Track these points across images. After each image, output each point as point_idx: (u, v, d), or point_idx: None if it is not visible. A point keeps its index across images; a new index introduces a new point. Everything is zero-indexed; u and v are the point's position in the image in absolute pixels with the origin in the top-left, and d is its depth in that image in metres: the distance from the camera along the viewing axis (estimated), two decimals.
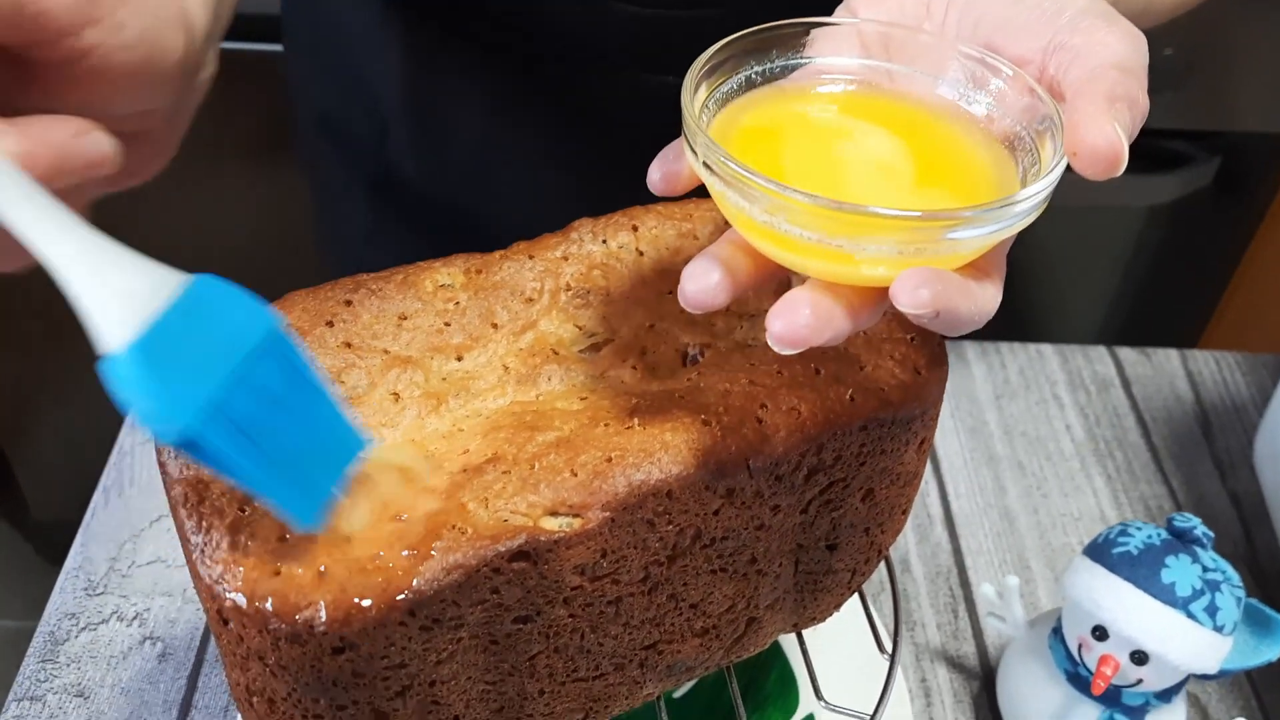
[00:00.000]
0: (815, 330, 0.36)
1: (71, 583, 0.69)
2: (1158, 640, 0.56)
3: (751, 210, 0.36)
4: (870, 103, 0.43)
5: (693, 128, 0.38)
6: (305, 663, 0.39)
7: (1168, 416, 0.86)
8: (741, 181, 0.36)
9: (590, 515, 0.42)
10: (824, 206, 0.35)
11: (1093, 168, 0.36)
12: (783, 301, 0.36)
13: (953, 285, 0.35)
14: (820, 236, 0.36)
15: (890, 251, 0.35)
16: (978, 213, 0.35)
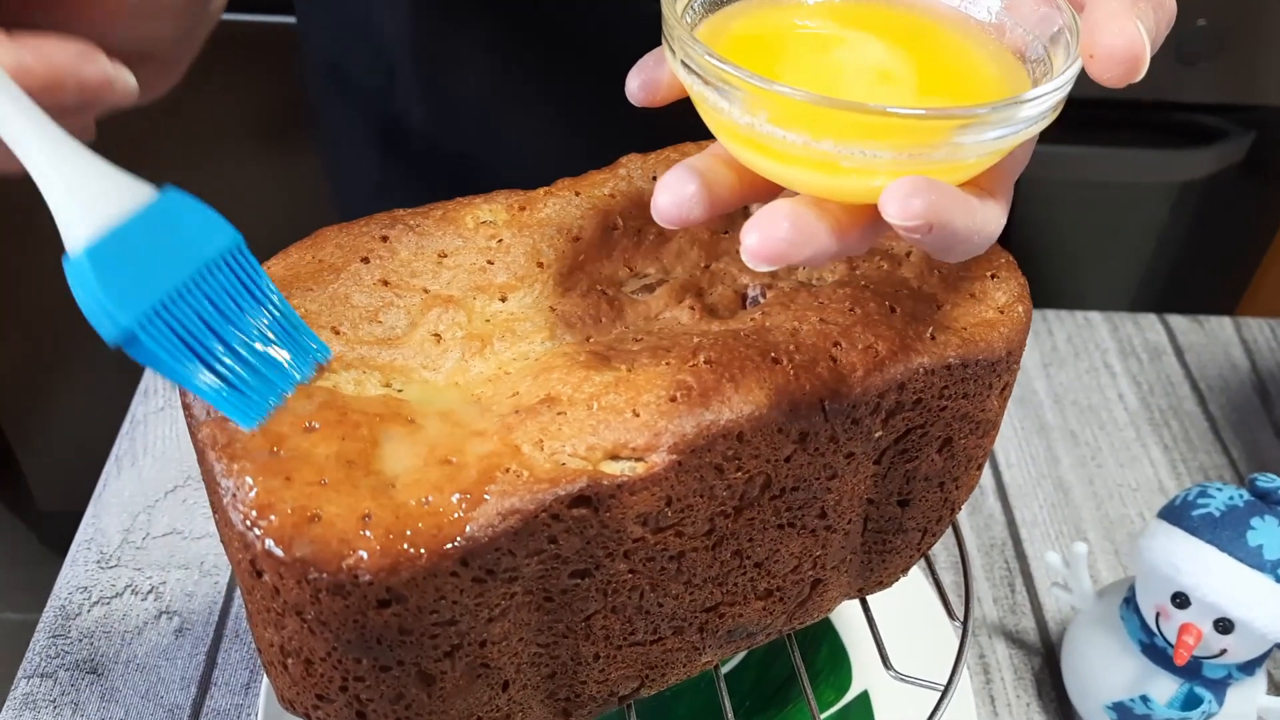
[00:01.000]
0: (794, 245, 0.32)
1: (83, 555, 0.66)
2: (1245, 606, 0.52)
3: (731, 111, 0.33)
4: (869, 10, 0.40)
5: (671, 23, 0.34)
6: (348, 617, 0.35)
7: (1224, 385, 0.82)
8: (719, 77, 0.32)
9: (655, 458, 0.38)
10: (808, 101, 0.31)
11: (1110, 70, 0.32)
12: (761, 213, 0.32)
13: (949, 196, 0.32)
14: (805, 139, 0.32)
15: (884, 158, 0.32)
16: (979, 111, 0.31)
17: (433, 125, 0.74)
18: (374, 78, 0.74)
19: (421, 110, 0.74)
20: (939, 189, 0.31)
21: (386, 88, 0.74)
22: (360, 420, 0.38)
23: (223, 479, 0.36)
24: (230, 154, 1.25)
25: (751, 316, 0.44)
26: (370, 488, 0.36)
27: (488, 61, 0.71)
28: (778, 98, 0.31)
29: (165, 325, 0.33)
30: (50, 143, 0.33)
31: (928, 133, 0.31)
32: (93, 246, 0.33)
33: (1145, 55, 0.33)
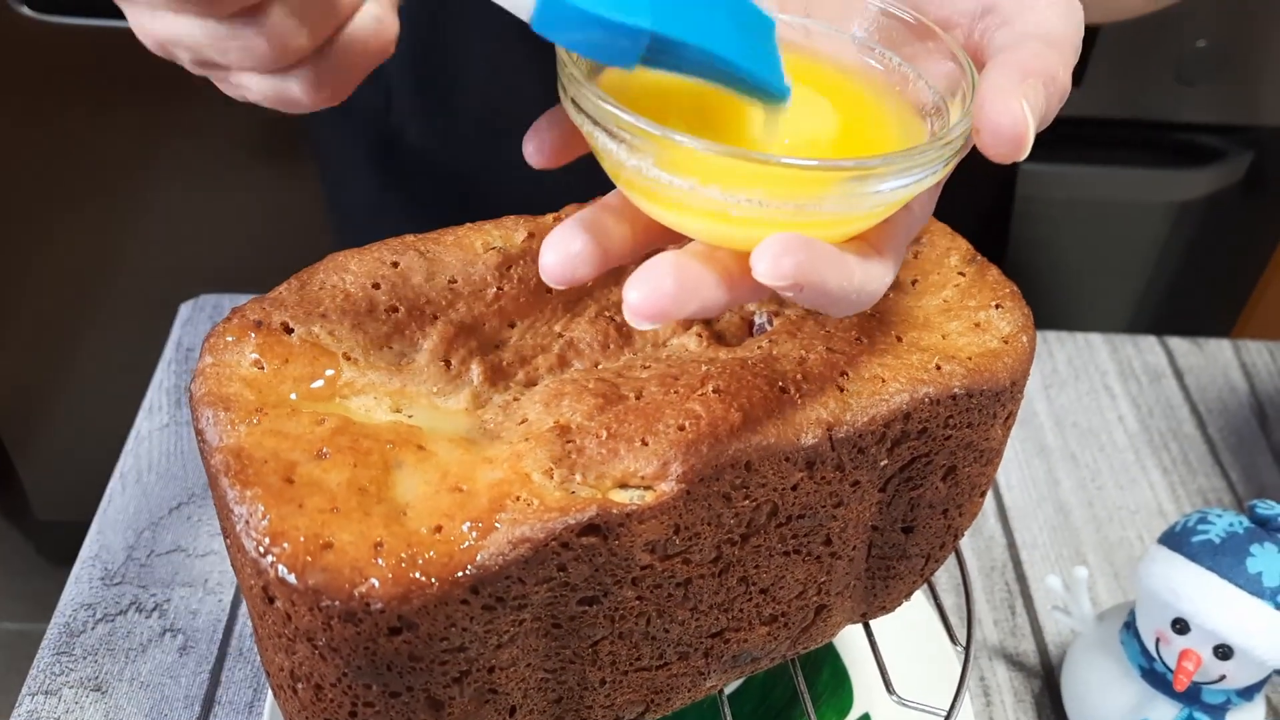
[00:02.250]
0: (678, 301, 0.31)
1: (87, 572, 0.66)
2: (1244, 633, 0.53)
3: (619, 153, 0.32)
4: None
5: (565, 63, 0.34)
6: (359, 644, 0.35)
7: (1223, 408, 0.83)
8: (607, 119, 0.32)
9: (664, 487, 0.38)
10: (692, 147, 0.31)
11: (995, 148, 0.33)
12: (644, 267, 0.32)
13: (823, 257, 0.31)
14: (693, 184, 0.31)
15: (771, 207, 0.31)
16: (869, 164, 0.31)
17: (430, 146, 0.75)
18: (371, 98, 0.75)
19: (419, 131, 0.74)
20: (812, 248, 0.31)
21: (383, 108, 0.75)
22: (372, 447, 0.39)
23: (235, 505, 0.37)
24: (227, 169, 1.25)
25: (759, 344, 0.44)
26: (382, 515, 0.36)
27: (486, 82, 0.71)
28: (663, 141, 0.31)
29: None
30: None
31: (816, 184, 0.31)
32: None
33: (1028, 135, 0.32)
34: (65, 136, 1.23)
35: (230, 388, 0.40)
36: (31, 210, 1.28)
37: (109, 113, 1.21)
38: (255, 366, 0.41)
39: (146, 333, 1.00)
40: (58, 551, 1.64)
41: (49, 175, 1.25)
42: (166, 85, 1.19)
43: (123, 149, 1.24)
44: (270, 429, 0.39)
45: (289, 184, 1.25)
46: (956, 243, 0.49)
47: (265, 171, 1.26)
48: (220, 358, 0.41)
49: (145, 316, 1.13)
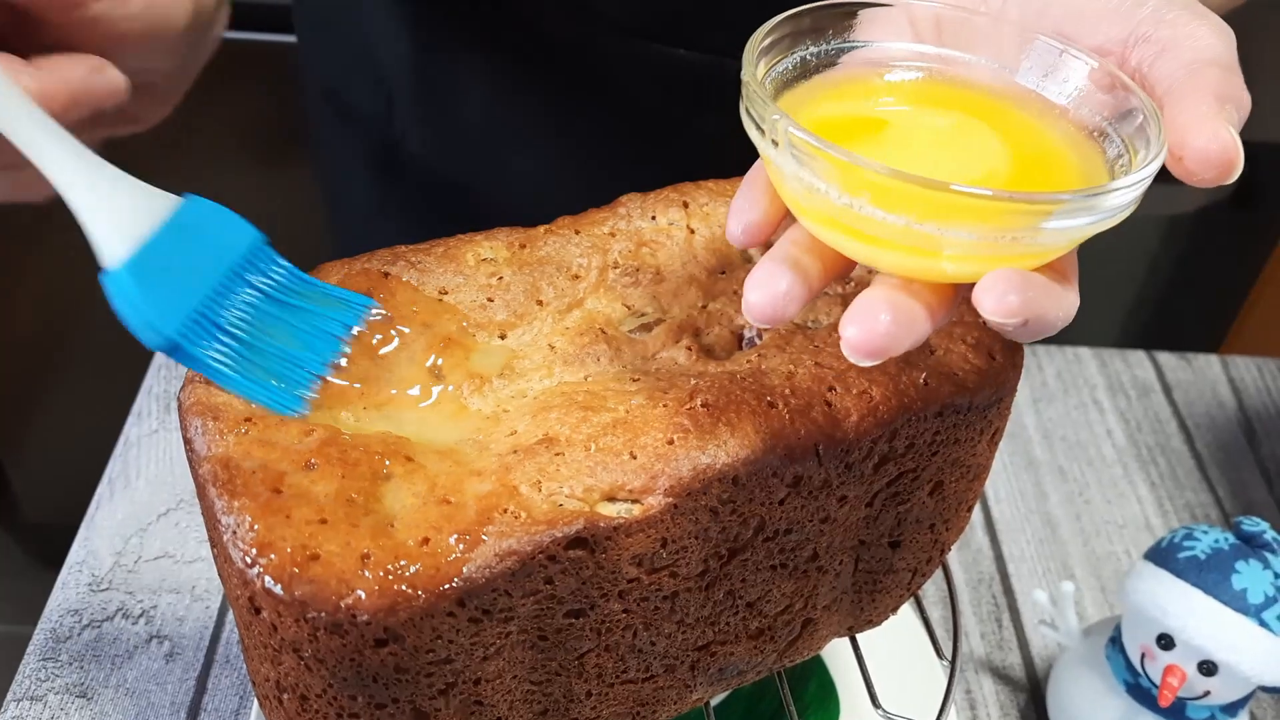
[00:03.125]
0: (895, 338, 0.32)
1: (75, 578, 0.66)
2: (1229, 650, 0.53)
3: (828, 192, 0.32)
4: (946, 89, 0.40)
5: (759, 98, 0.34)
6: (345, 655, 0.36)
7: (1210, 423, 0.83)
8: (819, 157, 0.32)
9: (651, 501, 0.38)
10: (917, 184, 0.31)
11: (1205, 172, 0.33)
12: (858, 304, 0.32)
13: (1041, 289, 0.32)
14: (908, 221, 0.31)
15: (980, 240, 0.31)
16: (1080, 198, 0.31)
17: (431, 153, 0.75)
18: (373, 104, 0.75)
19: (420, 138, 0.74)
20: (1032, 283, 0.32)
21: (385, 114, 0.75)
22: (360, 458, 0.39)
23: (223, 516, 0.37)
24: (225, 171, 1.25)
25: (748, 359, 0.45)
26: (369, 527, 0.36)
27: (488, 91, 0.71)
28: (884, 181, 0.31)
29: (202, 330, 0.36)
30: (81, 164, 0.35)
31: (1026, 216, 0.31)
32: (131, 260, 0.34)
33: (1239, 158, 0.33)
34: None
35: (219, 397, 0.40)
36: (22, 212, 1.28)
37: None
38: None
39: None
40: (46, 554, 1.63)
41: None
42: None
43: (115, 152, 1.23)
44: (259, 439, 0.39)
45: (283, 188, 1.25)
46: None
47: (259, 175, 1.26)
48: None
49: None
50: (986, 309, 0.31)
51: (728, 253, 0.50)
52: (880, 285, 0.33)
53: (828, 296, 0.48)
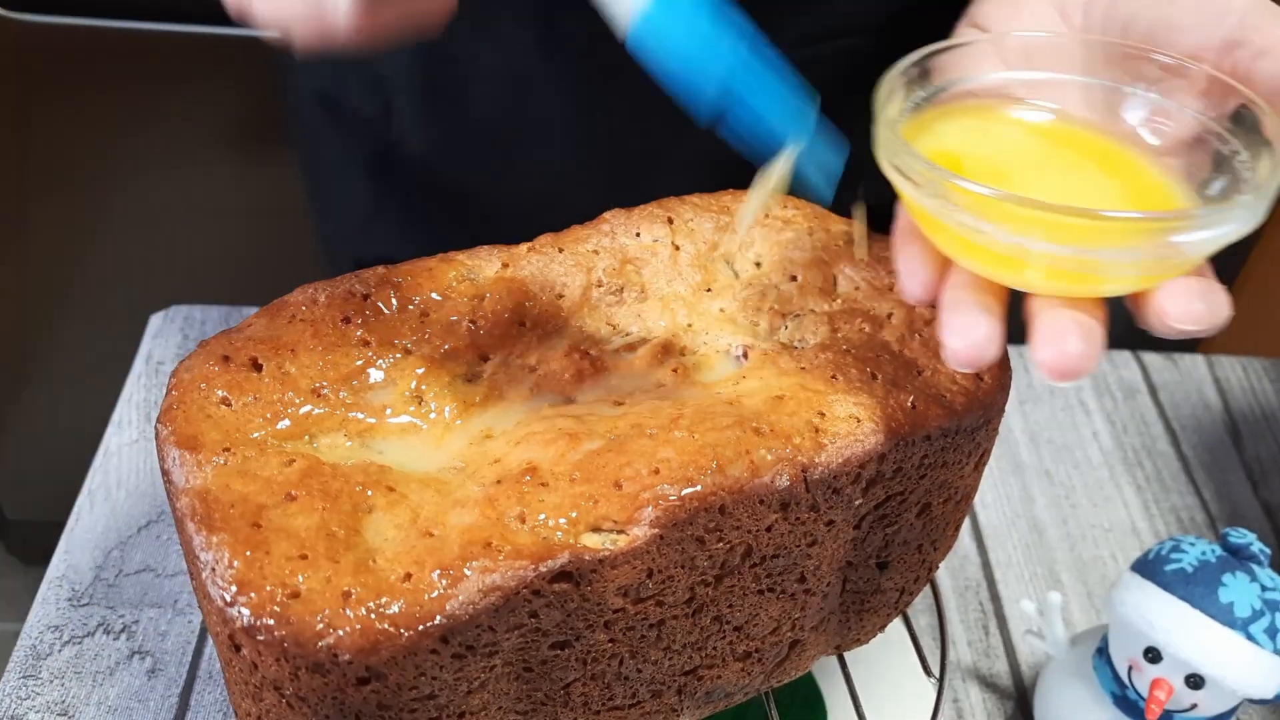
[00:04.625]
0: (1086, 358, 0.34)
1: (55, 592, 0.65)
2: (1217, 664, 0.53)
3: (997, 233, 0.34)
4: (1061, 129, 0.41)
5: (911, 155, 0.35)
6: (326, 694, 0.35)
7: (1196, 424, 0.83)
8: (985, 204, 0.33)
9: (637, 531, 0.38)
10: (1087, 216, 0.33)
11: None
12: (1047, 328, 0.34)
13: (1216, 294, 0.34)
14: (1078, 250, 0.33)
15: (1138, 258, 0.34)
16: (1220, 210, 0.33)
17: (431, 155, 0.73)
18: (369, 107, 0.73)
19: (420, 141, 0.73)
20: (1209, 289, 0.34)
21: (382, 118, 0.73)
22: (341, 489, 0.38)
23: (202, 552, 0.36)
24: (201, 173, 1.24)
25: (734, 381, 0.44)
26: (351, 563, 0.36)
27: (497, 92, 0.69)
28: (1056, 219, 0.33)
29: None
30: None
31: (1181, 231, 0.33)
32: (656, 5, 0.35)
33: None
34: (34, 137, 1.21)
35: (197, 426, 0.40)
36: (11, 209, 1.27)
37: (79, 114, 1.19)
38: (223, 404, 0.41)
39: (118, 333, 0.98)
40: (27, 551, 1.62)
41: (18, 177, 1.24)
42: (138, 86, 1.18)
43: (93, 151, 1.22)
44: (238, 470, 0.39)
45: (265, 189, 1.24)
46: None
47: (240, 176, 1.24)
48: (187, 395, 0.41)
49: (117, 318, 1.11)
50: (1174, 318, 0.34)
51: (713, 270, 0.49)
52: (1054, 306, 0.35)
53: (814, 315, 0.47)
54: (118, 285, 1.31)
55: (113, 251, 1.29)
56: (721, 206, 0.51)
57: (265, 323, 0.43)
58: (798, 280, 0.48)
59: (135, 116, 1.20)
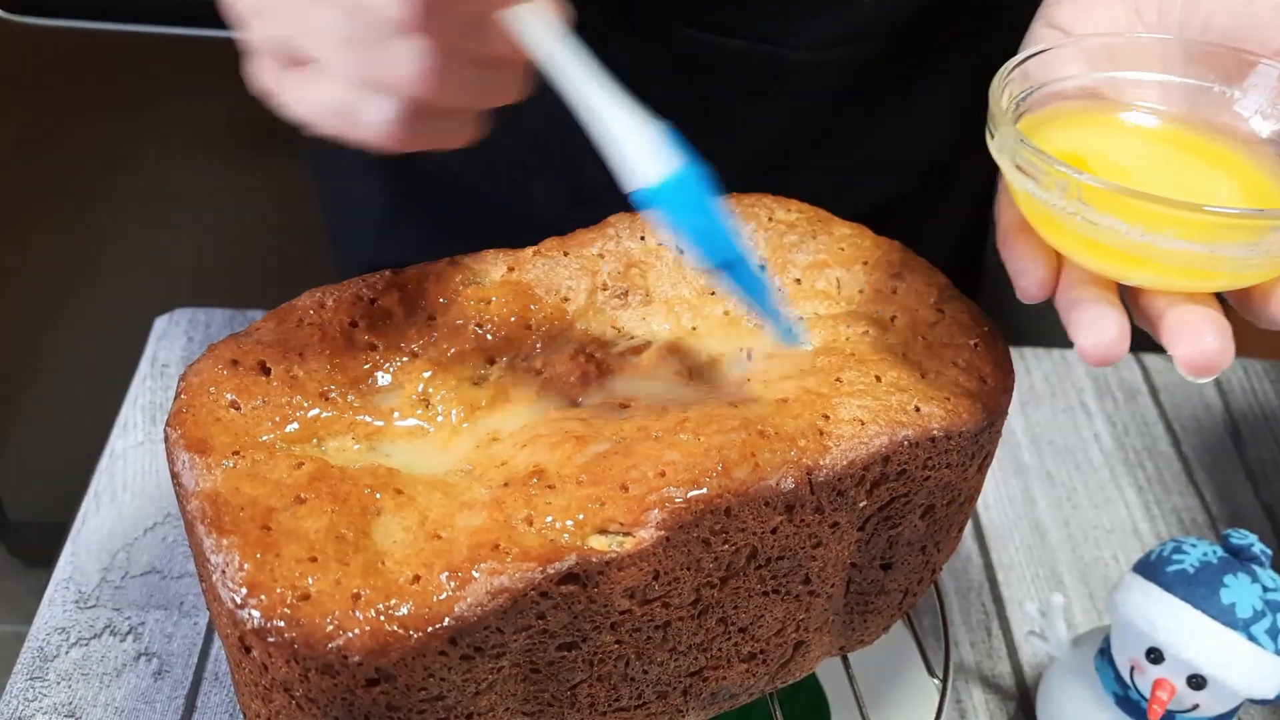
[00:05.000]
0: (1225, 354, 0.35)
1: (61, 594, 0.66)
2: (1218, 664, 0.53)
3: (1130, 231, 0.34)
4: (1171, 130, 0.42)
5: (1038, 156, 0.36)
6: (336, 695, 0.35)
7: (1197, 426, 0.83)
8: (1119, 202, 0.34)
9: (643, 534, 0.38)
10: (1225, 215, 0.34)
11: None
12: (1183, 326, 0.35)
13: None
14: (1209, 247, 0.34)
15: (1259, 254, 0.34)
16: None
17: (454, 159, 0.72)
18: None
19: None
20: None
21: None
22: (350, 492, 0.39)
23: (212, 555, 0.36)
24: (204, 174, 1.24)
25: (740, 384, 0.44)
26: (360, 564, 0.36)
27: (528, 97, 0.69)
28: (1191, 216, 0.34)
29: None
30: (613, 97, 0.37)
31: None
32: (670, 181, 0.36)
33: None
34: (38, 140, 1.21)
35: (206, 430, 0.40)
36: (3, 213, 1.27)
37: (82, 116, 1.20)
38: (232, 408, 0.41)
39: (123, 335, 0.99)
40: (30, 552, 1.62)
41: (22, 179, 1.24)
42: (141, 88, 1.18)
43: (97, 154, 1.22)
44: (247, 473, 0.39)
45: (268, 192, 1.24)
46: (935, 278, 0.49)
47: (243, 179, 1.24)
48: (196, 398, 0.41)
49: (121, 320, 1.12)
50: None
51: None
52: (1181, 303, 0.35)
53: (818, 318, 0.48)
54: (122, 288, 1.31)
55: (117, 254, 1.30)
56: None
57: (273, 326, 0.44)
58: (801, 283, 0.49)
59: (140, 119, 1.20)
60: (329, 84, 0.37)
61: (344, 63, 0.36)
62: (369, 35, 0.35)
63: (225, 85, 1.17)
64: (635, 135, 0.36)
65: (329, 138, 0.38)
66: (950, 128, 0.73)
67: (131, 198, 1.26)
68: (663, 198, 0.37)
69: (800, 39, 0.52)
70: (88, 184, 1.24)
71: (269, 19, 0.37)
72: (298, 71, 0.37)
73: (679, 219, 0.37)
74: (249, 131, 1.22)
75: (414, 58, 0.35)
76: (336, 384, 0.43)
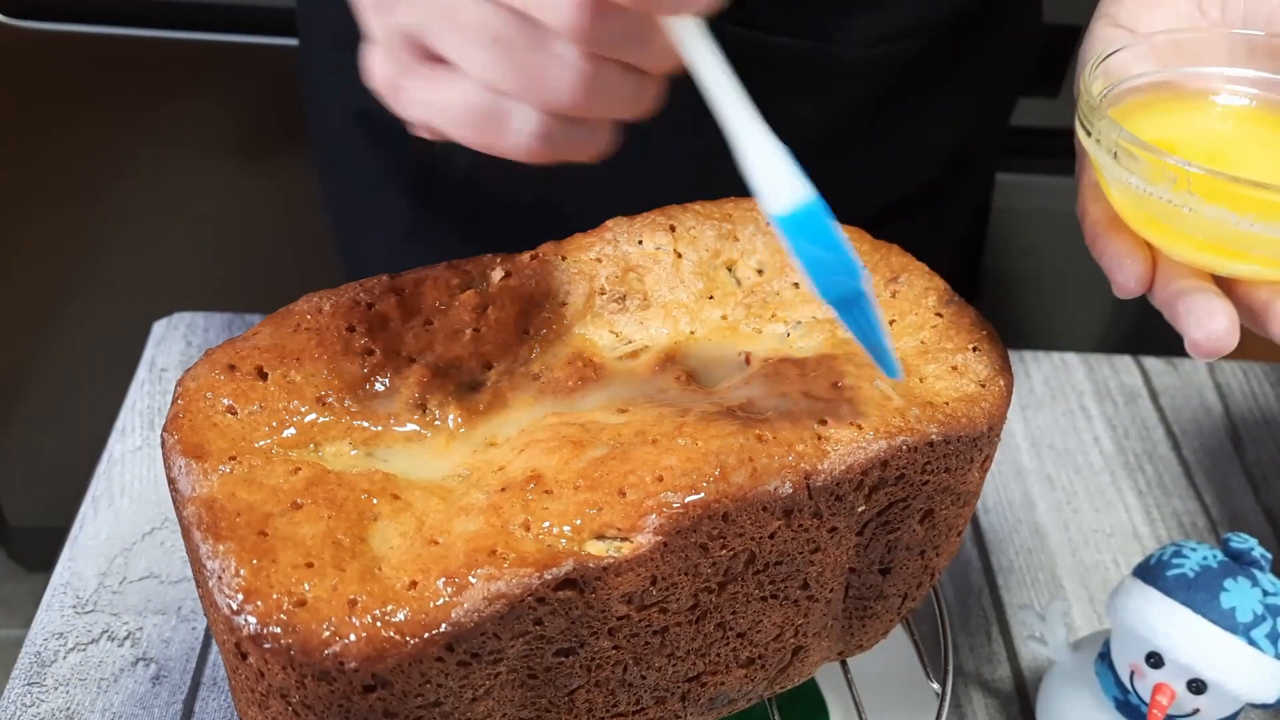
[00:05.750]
0: (1233, 335, 0.35)
1: (59, 599, 0.66)
2: (1218, 669, 0.53)
3: (1239, 222, 0.35)
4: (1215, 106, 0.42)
5: (1144, 148, 0.36)
6: (333, 702, 0.35)
7: (1197, 429, 0.83)
8: (1228, 193, 0.34)
9: (641, 539, 0.38)
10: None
11: None
12: (1195, 309, 0.35)
13: None
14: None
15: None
16: None
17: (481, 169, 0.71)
18: None
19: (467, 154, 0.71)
20: None
21: None
22: (347, 497, 0.39)
23: (208, 560, 0.36)
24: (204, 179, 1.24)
25: (737, 388, 0.44)
26: (357, 570, 0.36)
27: None
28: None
29: None
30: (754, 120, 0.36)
31: None
32: (801, 211, 0.36)
33: None
34: (37, 145, 1.21)
35: (203, 435, 0.40)
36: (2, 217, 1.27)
37: (81, 121, 1.20)
38: (228, 413, 0.41)
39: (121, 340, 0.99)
40: (30, 557, 1.62)
41: (21, 184, 1.24)
42: (142, 93, 1.18)
43: (96, 158, 1.22)
44: (244, 478, 0.39)
45: (267, 196, 1.24)
46: (934, 282, 0.49)
47: (243, 183, 1.24)
48: (192, 404, 0.41)
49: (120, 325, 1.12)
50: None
51: (716, 277, 0.49)
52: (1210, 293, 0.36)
53: (816, 322, 0.48)
54: (120, 292, 1.31)
55: (115, 258, 1.30)
56: (724, 214, 0.51)
57: (270, 331, 0.44)
58: (799, 287, 0.48)
59: (139, 123, 1.20)
60: (467, 87, 0.34)
61: (491, 66, 0.33)
62: (527, 39, 0.33)
63: (225, 90, 1.18)
64: (771, 159, 0.36)
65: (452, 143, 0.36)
66: (966, 126, 0.73)
67: (130, 202, 1.25)
68: (790, 226, 0.37)
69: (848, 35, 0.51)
70: (86, 189, 1.24)
71: (403, 7, 0.34)
72: (428, 69, 0.35)
73: (803, 250, 0.37)
74: (248, 137, 1.22)
75: (573, 65, 0.33)
76: (333, 389, 0.43)
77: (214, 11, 1.14)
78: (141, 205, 1.26)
